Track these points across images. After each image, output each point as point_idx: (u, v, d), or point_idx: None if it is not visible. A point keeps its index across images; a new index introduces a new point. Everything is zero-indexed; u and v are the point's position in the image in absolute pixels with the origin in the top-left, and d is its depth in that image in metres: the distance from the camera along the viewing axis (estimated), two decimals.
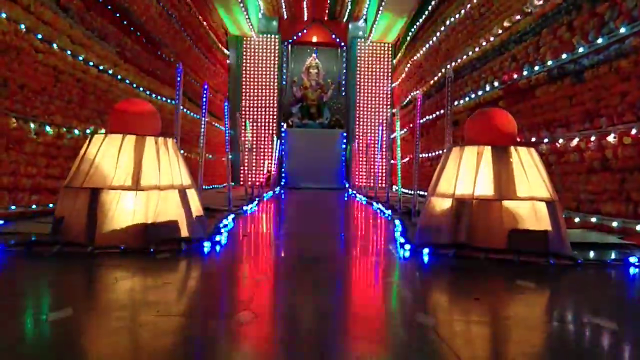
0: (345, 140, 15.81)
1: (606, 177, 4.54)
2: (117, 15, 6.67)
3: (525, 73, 6.03)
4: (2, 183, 4.16)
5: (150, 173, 3.31)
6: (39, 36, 4.70)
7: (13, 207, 4.27)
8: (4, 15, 4.16)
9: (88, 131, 5.69)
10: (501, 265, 2.92)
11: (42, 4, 4.74)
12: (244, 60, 15.65)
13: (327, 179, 15.32)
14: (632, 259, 3.04)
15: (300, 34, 16.10)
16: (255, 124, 15.66)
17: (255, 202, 7.65)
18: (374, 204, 7.95)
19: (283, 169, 15.47)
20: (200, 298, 2.16)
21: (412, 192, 5.57)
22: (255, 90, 15.74)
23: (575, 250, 3.27)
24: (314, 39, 16.20)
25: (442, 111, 9.47)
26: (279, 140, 15.20)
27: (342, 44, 16.13)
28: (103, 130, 6.02)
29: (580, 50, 4.89)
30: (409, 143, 12.84)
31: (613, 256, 3.36)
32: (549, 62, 5.47)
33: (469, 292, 2.32)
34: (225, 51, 15.16)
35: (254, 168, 14.69)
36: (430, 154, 10.55)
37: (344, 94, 16.29)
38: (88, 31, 5.73)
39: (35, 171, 4.62)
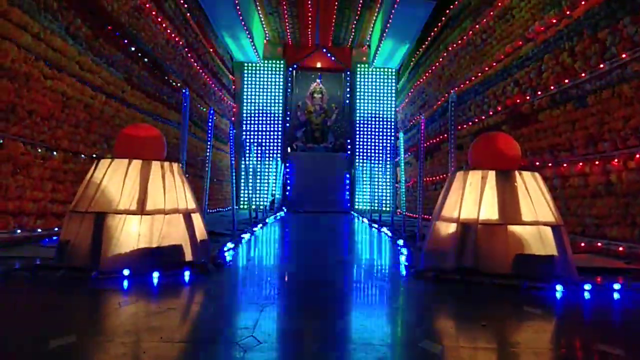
0: (349, 164, 15.85)
1: (611, 202, 4.53)
2: (125, 41, 6.78)
3: (528, 98, 6.08)
4: (8, 208, 4.18)
5: (156, 197, 3.32)
6: (48, 63, 4.78)
7: (18, 231, 4.28)
8: (14, 43, 4.24)
9: (94, 156, 5.74)
10: (507, 291, 2.89)
11: (51, 32, 4.83)
12: (249, 85, 15.83)
13: (331, 202, 15.32)
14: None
15: (304, 59, 16.30)
16: (259, 148, 15.75)
17: (259, 226, 7.65)
18: (378, 228, 7.92)
19: (287, 193, 15.49)
20: (204, 324, 2.14)
21: (417, 216, 5.56)
22: (260, 115, 15.87)
23: (581, 275, 3.24)
24: (318, 65, 16.40)
25: (445, 135, 9.51)
26: (283, 164, 15.27)
27: (346, 69, 16.31)
28: (109, 156, 6.07)
29: (583, 75, 4.93)
30: (413, 167, 12.87)
31: (619, 281, 3.33)
32: (552, 87, 5.51)
33: (475, 318, 2.30)
34: (231, 76, 15.34)
35: (258, 192, 14.71)
36: (434, 178, 10.55)
37: (347, 119, 16.40)
38: (96, 57, 5.83)
39: (41, 195, 4.64)
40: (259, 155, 15.62)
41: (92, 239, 3.15)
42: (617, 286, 2.98)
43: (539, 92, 5.80)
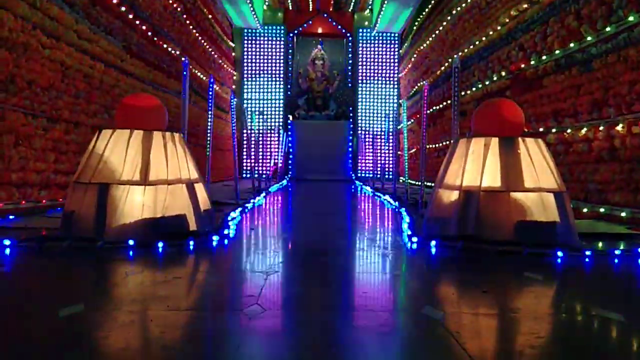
0: (351, 132, 15.78)
1: (614, 167, 4.52)
2: (123, 9, 6.67)
3: (532, 62, 5.99)
4: (11, 179, 4.20)
5: (158, 168, 3.33)
6: (46, 32, 4.71)
7: (23, 202, 4.31)
8: (10, 12, 4.18)
9: (95, 126, 5.72)
10: (509, 257, 2.92)
11: (48, 0, 4.75)
12: (250, 53, 15.62)
13: (334, 170, 15.33)
14: None
15: (305, 25, 16.02)
16: (261, 116, 15.65)
17: (263, 194, 7.68)
18: (381, 195, 7.95)
19: (290, 161, 15.48)
20: (209, 292, 2.18)
21: (419, 183, 5.56)
22: (261, 83, 15.72)
23: (583, 241, 3.26)
24: (320, 30, 16.12)
25: (449, 102, 9.42)
26: (285, 133, 15.21)
27: (348, 34, 16.04)
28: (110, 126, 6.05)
29: (589, 39, 4.84)
30: (416, 134, 12.82)
31: (621, 247, 3.35)
32: (557, 52, 5.42)
33: (476, 285, 2.33)
34: (231, 43, 15.13)
35: (260, 160, 14.71)
36: (437, 145, 10.52)
37: (350, 85, 16.23)
38: (94, 26, 5.75)
39: (44, 166, 4.66)
40: (260, 123, 15.54)
41: (97, 209, 3.17)
42: (617, 252, 3.00)
43: (544, 57, 5.72)
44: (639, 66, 4.19)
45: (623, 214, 4.29)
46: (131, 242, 3.04)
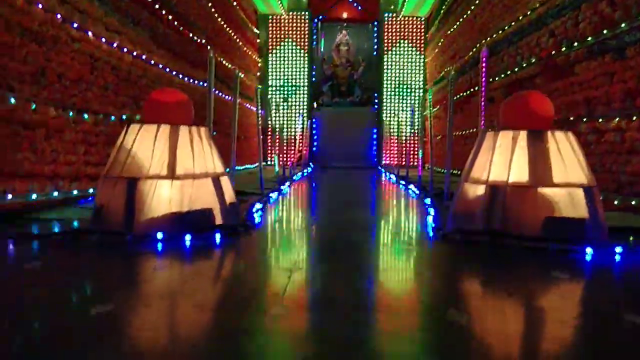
0: (376, 118, 15.68)
1: None
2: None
3: (563, 49, 5.83)
4: (44, 171, 4.31)
5: (185, 162, 3.37)
6: (75, 25, 4.79)
7: (55, 194, 4.43)
8: (40, 6, 4.25)
9: (124, 117, 5.82)
10: (536, 253, 2.88)
11: None
12: (274, 39, 15.59)
13: (358, 157, 15.29)
14: None
15: (330, 10, 15.88)
16: (285, 103, 15.68)
17: (287, 184, 7.72)
18: (406, 185, 7.90)
19: (314, 148, 15.49)
20: (235, 289, 2.21)
21: (445, 171, 5.49)
22: (286, 69, 15.70)
23: (614, 236, 3.19)
24: (345, 15, 15.98)
25: (477, 88, 9.25)
26: (309, 120, 15.20)
27: (374, 19, 15.85)
28: (138, 117, 6.14)
29: (622, 26, 4.68)
30: (442, 120, 12.64)
31: None
32: (589, 38, 5.26)
33: (502, 284, 2.31)
34: (255, 30, 15.12)
35: (285, 148, 14.76)
36: (464, 132, 10.37)
37: (375, 70, 16.07)
38: (123, 18, 5.81)
39: (74, 159, 4.76)
40: (285, 110, 15.58)
41: (126, 203, 3.24)
42: None
43: (575, 44, 5.55)
44: None
45: None
46: (159, 235, 3.10)
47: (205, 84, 9.01)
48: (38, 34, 4.25)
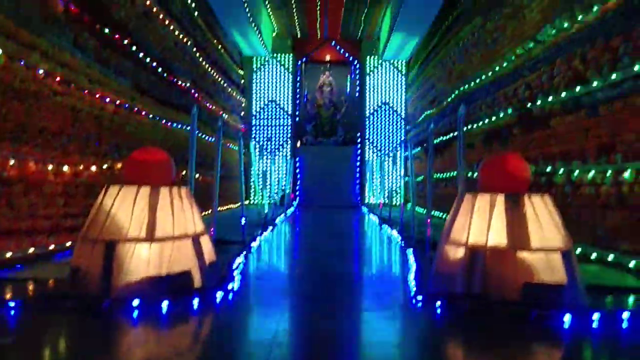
0: (359, 158, 15.83)
1: (623, 214, 4.48)
2: (134, 48, 6.79)
3: (539, 102, 6.00)
4: (21, 227, 4.25)
5: (165, 223, 3.35)
6: (57, 79, 4.80)
7: (31, 250, 4.35)
8: (22, 63, 4.27)
9: (105, 166, 5.79)
10: (516, 320, 2.89)
11: (59, 48, 4.85)
12: (258, 79, 15.80)
13: (341, 196, 15.34)
14: None
15: (313, 52, 16.21)
16: (269, 142, 15.79)
17: (269, 229, 7.69)
18: (388, 229, 7.94)
19: (297, 187, 15.53)
20: None
21: (425, 212, 5.50)
22: (270, 109, 15.86)
23: (591, 296, 3.22)
24: (327, 58, 16.31)
25: (455, 133, 9.43)
26: (293, 159, 15.29)
27: (355, 61, 16.20)
28: (120, 165, 6.12)
29: (595, 84, 4.85)
30: (423, 162, 12.81)
31: (630, 305, 3.32)
32: (563, 94, 5.43)
33: (481, 353, 2.31)
34: (240, 71, 15.32)
35: (268, 188, 14.77)
36: (444, 175, 10.50)
37: (357, 112, 16.34)
38: (104, 68, 5.85)
39: (53, 211, 4.71)
40: (268, 150, 15.67)
41: (103, 266, 3.19)
42: (626, 314, 2.96)
43: (550, 97, 5.72)
44: None
45: (631, 264, 4.24)
46: (136, 302, 3.05)
47: (188, 128, 9.05)
48: (19, 91, 4.25)
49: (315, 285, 3.96)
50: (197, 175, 9.80)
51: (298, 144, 15.79)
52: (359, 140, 16.07)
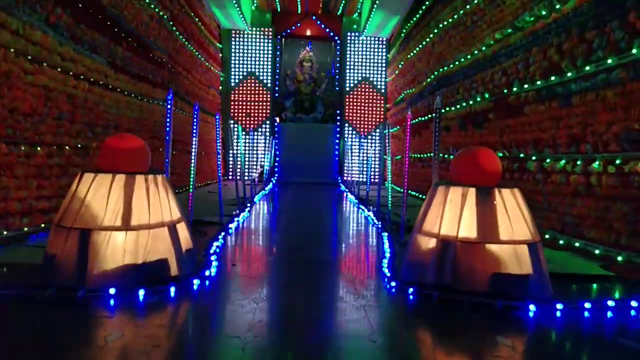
0: (338, 135, 15.85)
1: (590, 203, 4.62)
2: (108, 24, 6.62)
3: (514, 89, 6.08)
4: None
5: (140, 212, 3.35)
6: (29, 58, 4.68)
7: (4, 233, 4.30)
8: None
9: (79, 146, 5.70)
10: (484, 310, 3.00)
11: (31, 26, 4.70)
12: (237, 54, 15.56)
13: (320, 173, 15.39)
14: (610, 303, 3.14)
15: (294, 27, 15.99)
16: (248, 118, 15.66)
17: (247, 209, 7.71)
18: (365, 210, 8.05)
19: (276, 163, 15.51)
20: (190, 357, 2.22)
21: (402, 191, 5.58)
22: (249, 84, 15.68)
23: (556, 285, 3.36)
24: (308, 33, 16.11)
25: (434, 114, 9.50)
26: (272, 136, 15.23)
27: (336, 37, 16.05)
28: (94, 144, 6.03)
29: (569, 74, 4.93)
30: (402, 141, 12.89)
31: (592, 295, 3.48)
32: (538, 82, 5.51)
33: (451, 344, 2.41)
34: (218, 45, 15.05)
35: (247, 163, 14.71)
36: (421, 156, 10.61)
37: (337, 88, 16.27)
38: (78, 46, 5.70)
39: (26, 194, 4.64)
40: (247, 124, 15.54)
41: (78, 255, 3.19)
42: (587, 305, 3.10)
43: (525, 85, 5.80)
44: (616, 108, 4.29)
45: (597, 252, 4.41)
46: (112, 291, 3.07)
47: (164, 103, 8.92)
48: None
49: (292, 272, 4.03)
50: (173, 152, 9.71)
51: (277, 120, 15.69)
52: (338, 117, 16.04)
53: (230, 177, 14.86)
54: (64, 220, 3.30)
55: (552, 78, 5.22)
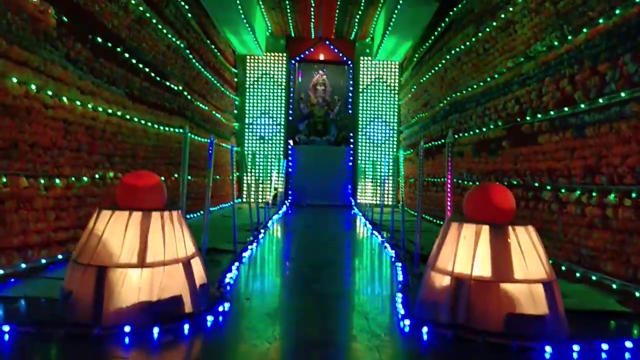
0: (351, 157, 15.89)
1: (607, 236, 4.57)
2: (126, 55, 6.78)
3: (528, 118, 6.07)
4: (12, 243, 4.27)
5: (156, 249, 3.39)
6: (49, 92, 4.80)
7: (23, 265, 4.37)
8: (14, 80, 4.27)
9: (97, 176, 5.80)
10: (499, 351, 2.97)
11: (52, 62, 4.84)
12: (252, 78, 15.77)
13: (333, 196, 15.42)
14: (628, 344, 3.09)
15: (307, 52, 16.19)
16: (262, 141, 15.80)
17: (261, 235, 7.74)
18: (378, 236, 8.04)
19: (290, 186, 15.57)
20: None
21: (416, 214, 5.55)
22: (263, 108, 15.85)
23: (573, 322, 3.31)
24: (321, 57, 16.29)
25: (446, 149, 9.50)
26: (286, 158, 15.33)
27: (349, 61, 16.20)
28: (111, 174, 6.13)
29: (582, 106, 4.93)
30: (414, 163, 12.88)
31: (610, 333, 3.43)
32: (551, 112, 5.50)
33: None
34: (233, 70, 15.28)
35: (260, 187, 14.80)
36: (435, 180, 10.58)
37: (350, 111, 16.37)
38: (97, 79, 5.85)
39: (45, 226, 4.72)
40: (261, 149, 15.68)
41: (95, 293, 3.23)
42: (605, 346, 3.05)
43: (539, 115, 5.80)
44: (630, 141, 4.27)
45: (614, 286, 4.34)
46: (127, 329, 3.10)
47: (181, 130, 9.06)
48: (11, 107, 4.25)
49: (305, 307, 4.03)
50: (189, 177, 9.82)
51: (291, 143, 15.81)
52: (352, 139, 16.11)
53: (244, 200, 14.94)
54: (82, 257, 3.35)
55: (566, 109, 5.21)
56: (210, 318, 3.41)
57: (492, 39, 7.56)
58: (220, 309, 3.65)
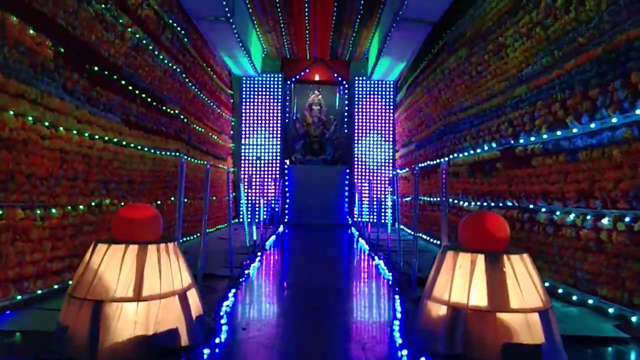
0: (347, 176, 15.93)
1: (602, 260, 4.59)
2: (122, 83, 6.83)
3: (521, 141, 6.13)
4: (8, 275, 4.25)
5: (152, 282, 3.40)
6: (46, 123, 4.83)
7: (18, 297, 4.36)
8: (11, 113, 4.30)
9: (93, 204, 5.81)
10: None
11: (49, 94, 4.88)
12: (248, 99, 15.88)
13: (330, 214, 15.43)
14: None
15: (302, 73, 16.34)
16: (258, 161, 15.85)
17: (257, 259, 7.74)
18: (375, 257, 8.05)
19: (286, 206, 15.58)
20: None
21: (412, 233, 5.57)
22: (259, 128, 15.94)
23: (570, 349, 3.31)
24: (317, 77, 16.45)
25: (442, 159, 9.56)
26: (282, 178, 15.36)
27: (344, 82, 16.35)
28: (107, 201, 6.14)
29: (574, 130, 4.98)
30: (411, 182, 12.93)
31: None
32: (544, 136, 5.56)
33: None
34: (229, 91, 15.38)
35: (257, 208, 14.80)
36: (431, 199, 10.62)
37: (346, 130, 16.47)
38: (94, 108, 5.89)
39: (40, 256, 4.71)
40: (258, 168, 15.72)
41: (90, 328, 3.23)
42: None
43: (532, 138, 5.86)
44: (623, 166, 4.31)
45: (611, 310, 4.35)
46: None
47: (178, 154, 9.09)
48: (8, 140, 4.28)
49: (303, 338, 4.02)
50: (185, 200, 9.83)
51: (287, 163, 15.86)
52: (347, 158, 16.18)
53: (240, 220, 14.92)
54: (77, 291, 3.35)
55: (558, 133, 5.27)
56: (206, 351, 3.40)
57: (484, 62, 7.66)
58: (217, 340, 3.64)
